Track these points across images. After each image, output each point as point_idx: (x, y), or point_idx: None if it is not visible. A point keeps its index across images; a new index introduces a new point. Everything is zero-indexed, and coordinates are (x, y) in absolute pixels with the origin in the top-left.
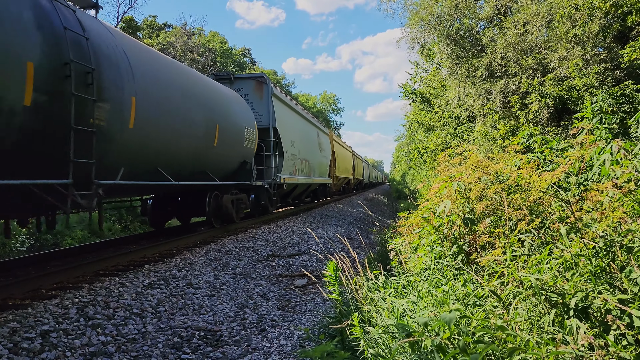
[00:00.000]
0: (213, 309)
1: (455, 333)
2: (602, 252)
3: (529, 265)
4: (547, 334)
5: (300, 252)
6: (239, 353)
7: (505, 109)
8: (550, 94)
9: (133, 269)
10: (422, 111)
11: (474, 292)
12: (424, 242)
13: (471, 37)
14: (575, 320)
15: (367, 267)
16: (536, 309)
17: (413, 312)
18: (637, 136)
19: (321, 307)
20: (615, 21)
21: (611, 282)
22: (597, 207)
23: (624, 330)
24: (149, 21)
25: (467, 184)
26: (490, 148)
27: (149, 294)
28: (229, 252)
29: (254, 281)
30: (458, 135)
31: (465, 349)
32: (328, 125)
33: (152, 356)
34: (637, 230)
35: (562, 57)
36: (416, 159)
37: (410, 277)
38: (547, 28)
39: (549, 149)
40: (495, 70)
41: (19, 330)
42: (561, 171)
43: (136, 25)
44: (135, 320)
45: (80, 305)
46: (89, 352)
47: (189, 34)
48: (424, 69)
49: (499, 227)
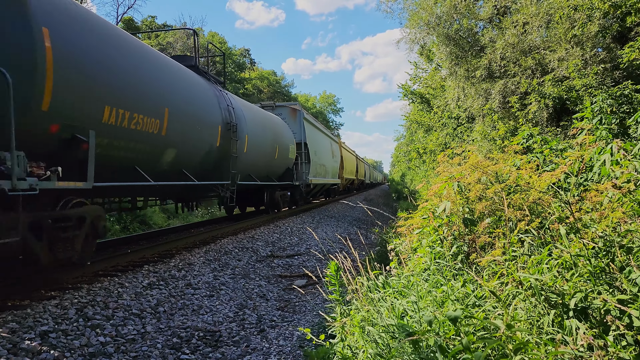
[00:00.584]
0: (212, 310)
1: (455, 333)
2: (601, 252)
3: (529, 265)
4: (546, 334)
5: (299, 252)
6: (238, 353)
7: (505, 110)
8: (550, 94)
9: (132, 270)
10: (422, 111)
11: (473, 292)
12: (424, 243)
13: (470, 37)
14: (575, 320)
15: (367, 267)
16: (536, 310)
17: (414, 312)
18: (636, 136)
19: (321, 307)
20: (615, 22)
21: (611, 283)
22: (596, 207)
23: (623, 330)
24: (148, 21)
25: (467, 184)
26: (489, 148)
27: (148, 294)
28: (229, 253)
29: (253, 281)
30: (457, 135)
31: (469, 347)
32: (328, 125)
33: (151, 357)
34: (636, 231)
35: (561, 57)
36: (415, 159)
37: (410, 278)
38: (546, 28)
39: (549, 149)
40: (495, 70)
41: (18, 331)
42: (561, 171)
43: (135, 26)
44: (134, 321)
45: (80, 305)
46: (88, 353)
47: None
48: (424, 70)
49: (498, 227)
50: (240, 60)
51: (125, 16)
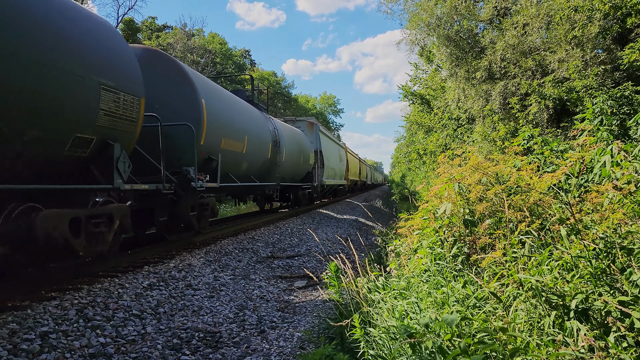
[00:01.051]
0: (212, 310)
1: (456, 334)
2: (602, 253)
3: (529, 266)
4: (547, 335)
5: (299, 253)
6: (238, 354)
7: (505, 111)
8: (550, 95)
9: (132, 270)
10: (422, 112)
11: (474, 293)
12: (424, 244)
13: (471, 38)
14: (576, 322)
15: (367, 268)
16: (536, 311)
17: (414, 313)
18: (636, 138)
19: (321, 308)
20: (615, 23)
21: (611, 284)
22: (597, 208)
23: (624, 332)
24: (149, 22)
25: (467, 185)
26: (489, 149)
27: (148, 295)
28: (229, 254)
29: (253, 282)
30: (457, 136)
31: (466, 350)
32: (328, 126)
33: (151, 357)
34: (637, 232)
35: (561, 58)
36: (416, 160)
37: (411, 279)
38: (546, 30)
39: (549, 151)
40: (495, 71)
41: (18, 332)
42: (561, 172)
43: (136, 27)
44: (134, 322)
45: (80, 306)
46: (89, 354)
47: (189, 35)
48: (424, 71)
49: (499, 228)
50: (240, 61)
51: (125, 17)
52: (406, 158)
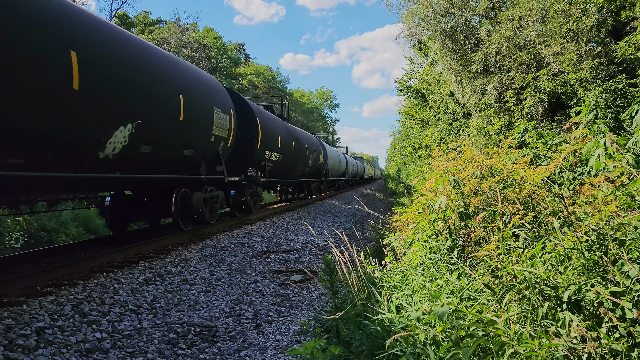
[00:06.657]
0: (209, 305)
1: (449, 327)
2: (594, 245)
3: (523, 259)
4: (540, 326)
5: (295, 247)
6: (234, 348)
7: (500, 104)
8: (545, 88)
9: (128, 266)
10: (417, 106)
11: (468, 286)
12: (419, 237)
13: (467, 31)
14: (568, 313)
15: (363, 262)
16: (529, 302)
17: (409, 305)
18: (630, 130)
19: (317, 302)
20: (609, 16)
21: (604, 275)
22: (590, 201)
23: (616, 322)
24: (142, 16)
25: (462, 178)
26: (484, 143)
27: (144, 290)
28: (225, 248)
29: (249, 277)
30: (453, 130)
31: (458, 343)
32: (323, 121)
33: (147, 352)
34: (629, 224)
35: (556, 52)
36: (411, 154)
37: (406, 272)
38: (541, 23)
39: (543, 144)
40: (490, 65)
41: (14, 327)
42: (554, 165)
43: (129, 21)
44: (130, 317)
45: (76, 301)
46: (85, 349)
47: (183, 29)
48: (419, 65)
49: (493, 221)
50: (235, 55)
51: (119, 12)
52: (401, 152)
